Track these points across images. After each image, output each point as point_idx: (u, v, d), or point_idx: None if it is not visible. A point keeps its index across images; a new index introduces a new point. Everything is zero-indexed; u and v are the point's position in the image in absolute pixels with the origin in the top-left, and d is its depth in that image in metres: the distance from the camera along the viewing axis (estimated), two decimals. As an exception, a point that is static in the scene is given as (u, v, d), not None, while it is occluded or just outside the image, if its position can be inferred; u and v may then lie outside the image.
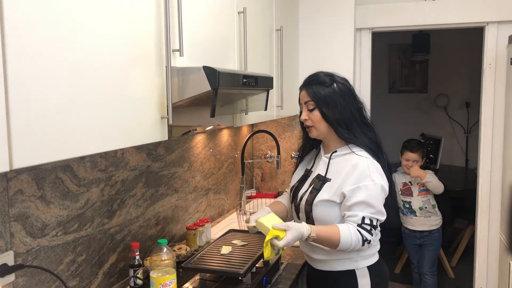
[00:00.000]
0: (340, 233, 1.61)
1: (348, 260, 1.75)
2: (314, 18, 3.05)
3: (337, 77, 1.77)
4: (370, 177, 1.66)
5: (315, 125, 1.76)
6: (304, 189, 1.82)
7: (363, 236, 1.63)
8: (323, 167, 1.79)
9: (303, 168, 1.92)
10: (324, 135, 1.78)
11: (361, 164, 1.67)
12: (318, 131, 1.77)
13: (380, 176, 1.69)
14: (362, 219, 1.63)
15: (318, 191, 1.74)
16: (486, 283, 3.04)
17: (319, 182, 1.77)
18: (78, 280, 1.64)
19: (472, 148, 4.96)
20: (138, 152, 1.96)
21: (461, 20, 2.92)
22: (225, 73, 1.48)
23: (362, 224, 1.63)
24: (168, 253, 1.61)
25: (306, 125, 1.79)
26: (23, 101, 0.94)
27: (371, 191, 1.64)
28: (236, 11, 1.95)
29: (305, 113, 1.77)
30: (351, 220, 1.64)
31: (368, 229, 1.64)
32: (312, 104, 1.74)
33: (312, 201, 1.73)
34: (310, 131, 1.79)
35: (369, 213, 1.64)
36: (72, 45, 1.07)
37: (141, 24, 1.32)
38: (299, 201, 1.81)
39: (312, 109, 1.74)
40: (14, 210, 1.37)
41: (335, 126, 1.73)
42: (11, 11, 0.91)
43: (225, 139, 2.82)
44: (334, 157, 1.77)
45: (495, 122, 2.92)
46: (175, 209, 2.27)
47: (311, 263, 1.87)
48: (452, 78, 5.38)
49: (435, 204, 3.32)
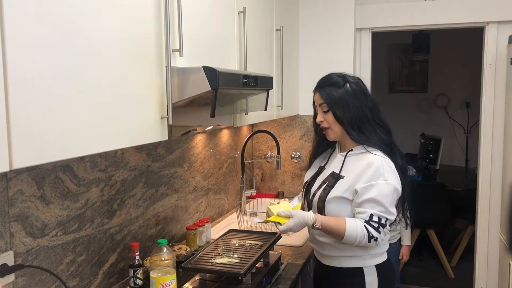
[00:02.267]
0: (346, 225, 1.65)
1: (357, 258, 1.77)
2: (314, 18, 3.05)
3: (350, 77, 1.79)
4: (384, 176, 1.68)
5: (331, 127, 1.78)
6: (316, 185, 1.84)
7: (370, 232, 1.65)
8: (337, 164, 1.81)
9: (316, 165, 1.94)
10: (341, 136, 1.80)
11: (375, 163, 1.69)
12: (335, 133, 1.79)
13: (394, 177, 1.71)
14: (370, 216, 1.66)
15: (331, 188, 1.76)
16: (486, 283, 3.04)
17: (333, 179, 1.78)
18: (78, 280, 1.64)
19: (472, 148, 4.95)
20: (138, 152, 1.96)
21: (461, 20, 2.92)
22: (225, 73, 1.48)
23: (369, 221, 1.66)
24: (168, 253, 1.61)
25: (322, 126, 1.81)
26: (23, 101, 0.94)
27: (383, 190, 1.66)
28: (236, 11, 1.95)
29: (320, 115, 1.80)
30: (360, 216, 1.68)
31: (375, 226, 1.66)
32: (326, 106, 1.76)
33: (325, 197, 1.75)
34: (328, 133, 1.81)
35: (378, 211, 1.66)
36: (72, 45, 1.07)
37: (141, 24, 1.32)
38: (312, 197, 1.83)
39: (326, 111, 1.77)
40: (14, 210, 1.37)
41: (346, 128, 1.75)
42: (11, 11, 0.91)
43: (225, 139, 2.82)
44: (349, 155, 1.79)
45: (495, 122, 2.92)
46: (175, 209, 2.27)
47: (319, 259, 1.90)
48: (452, 78, 5.38)
49: None
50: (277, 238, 2.04)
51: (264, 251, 1.87)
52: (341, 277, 1.80)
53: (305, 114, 3.12)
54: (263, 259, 1.93)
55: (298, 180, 3.21)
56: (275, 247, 2.19)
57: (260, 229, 2.35)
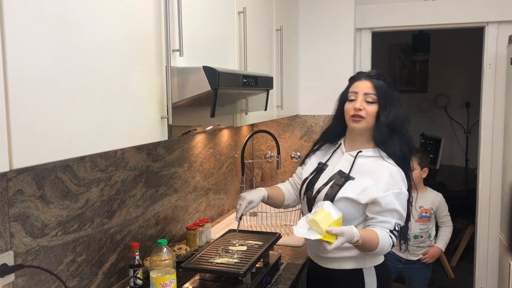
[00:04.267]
0: (379, 238, 1.65)
1: (356, 259, 1.77)
2: (314, 18, 3.05)
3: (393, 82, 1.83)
4: (399, 185, 1.70)
5: (368, 118, 1.74)
6: (321, 182, 1.81)
7: (393, 241, 1.69)
8: (345, 164, 1.79)
9: (315, 161, 1.91)
10: (366, 131, 1.77)
11: (392, 171, 1.71)
12: (367, 124, 1.75)
13: (405, 185, 1.73)
14: (395, 226, 1.69)
15: (340, 187, 1.74)
16: (486, 283, 3.04)
17: (341, 178, 1.76)
18: (78, 280, 1.64)
19: (472, 148, 4.96)
20: (138, 152, 1.96)
21: (461, 20, 2.92)
22: (225, 73, 1.48)
23: (393, 230, 1.69)
24: (168, 253, 1.61)
25: (358, 114, 1.73)
26: (23, 101, 0.94)
27: (399, 199, 1.70)
28: (236, 11, 1.95)
29: (362, 103, 1.74)
30: (384, 226, 1.68)
31: (396, 235, 1.71)
32: (373, 98, 1.73)
33: (333, 196, 1.73)
34: (359, 122, 1.74)
35: (398, 220, 1.70)
36: (72, 45, 1.07)
37: (141, 24, 1.32)
38: (316, 194, 1.80)
39: (371, 102, 1.73)
40: (14, 210, 1.37)
41: (380, 126, 1.73)
42: (11, 11, 0.91)
43: (225, 139, 2.82)
44: (360, 156, 1.78)
45: (495, 122, 2.92)
46: (175, 209, 2.27)
47: (317, 261, 1.87)
48: (452, 78, 5.38)
49: (432, 233, 2.87)
50: (277, 238, 2.04)
51: (264, 251, 1.87)
52: (340, 279, 1.79)
53: (305, 114, 3.12)
54: (263, 259, 1.93)
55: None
56: (275, 247, 2.19)
57: (260, 229, 2.35)
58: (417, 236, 2.81)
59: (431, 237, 2.86)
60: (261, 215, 2.51)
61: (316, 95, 3.08)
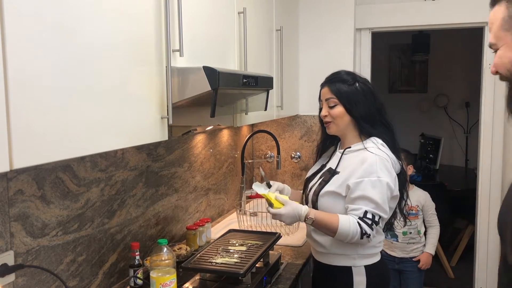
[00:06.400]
0: (339, 221, 1.65)
1: (346, 257, 1.78)
2: (314, 18, 3.05)
3: (359, 77, 1.83)
4: (377, 173, 1.68)
5: (335, 121, 1.80)
6: (314, 180, 1.87)
7: (363, 229, 1.65)
8: (335, 161, 1.84)
9: (320, 163, 1.97)
10: (342, 131, 1.82)
11: (369, 160, 1.70)
12: (337, 127, 1.81)
13: (388, 174, 1.71)
14: (364, 213, 1.66)
15: (326, 182, 1.78)
16: (486, 283, 3.04)
17: (328, 174, 1.81)
18: (78, 280, 1.64)
19: (472, 148, 4.95)
20: (138, 152, 1.96)
21: (461, 20, 2.92)
22: (225, 73, 1.49)
23: (363, 217, 1.66)
24: (168, 253, 1.61)
25: (325, 121, 1.83)
26: (23, 102, 0.94)
27: (376, 187, 1.67)
28: (236, 11, 1.95)
29: (325, 109, 1.82)
30: (354, 212, 1.67)
31: (369, 223, 1.66)
32: (333, 101, 1.79)
33: (319, 191, 1.78)
34: (329, 127, 1.83)
35: (371, 208, 1.66)
36: (72, 45, 1.07)
37: (141, 24, 1.32)
38: (309, 192, 1.87)
39: (333, 106, 1.79)
40: (14, 210, 1.37)
41: (359, 122, 1.77)
42: (12, 12, 0.91)
43: (225, 139, 2.82)
44: (347, 152, 1.81)
45: (495, 122, 2.92)
46: (175, 209, 2.28)
47: (314, 255, 1.94)
48: (452, 78, 5.38)
49: (421, 230, 2.91)
50: (277, 238, 2.04)
51: (264, 251, 1.88)
52: (331, 274, 1.83)
53: (305, 114, 3.13)
54: (263, 259, 1.93)
55: (298, 180, 3.21)
56: (275, 247, 2.19)
57: (260, 229, 2.35)
58: (405, 233, 2.88)
59: (421, 233, 2.92)
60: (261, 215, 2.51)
61: (316, 95, 3.02)
